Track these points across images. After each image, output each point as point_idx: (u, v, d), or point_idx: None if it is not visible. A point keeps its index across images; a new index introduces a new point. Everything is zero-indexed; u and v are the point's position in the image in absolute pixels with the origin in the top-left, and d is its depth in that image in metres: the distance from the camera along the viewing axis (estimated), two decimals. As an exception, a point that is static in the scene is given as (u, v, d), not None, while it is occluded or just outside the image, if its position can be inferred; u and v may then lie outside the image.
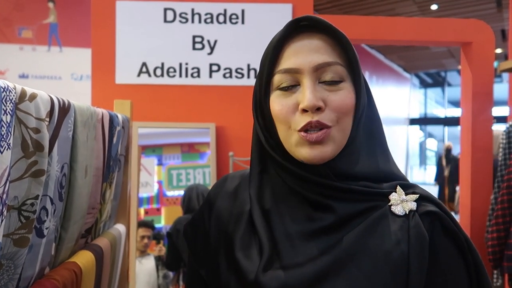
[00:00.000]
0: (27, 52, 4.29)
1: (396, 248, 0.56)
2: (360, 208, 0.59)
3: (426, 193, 0.61)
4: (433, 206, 0.59)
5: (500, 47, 7.49)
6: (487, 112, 2.35)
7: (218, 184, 0.75)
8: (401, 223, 0.58)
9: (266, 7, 2.22)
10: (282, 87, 0.61)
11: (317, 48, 0.60)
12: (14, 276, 0.58)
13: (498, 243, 1.80)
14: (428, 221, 0.58)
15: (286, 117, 0.60)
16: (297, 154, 0.61)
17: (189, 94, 2.22)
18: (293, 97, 0.60)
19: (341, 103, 0.60)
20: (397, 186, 0.61)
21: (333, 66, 0.60)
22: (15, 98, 0.55)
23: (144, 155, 2.36)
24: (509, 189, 1.76)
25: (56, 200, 0.69)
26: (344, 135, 0.61)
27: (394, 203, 0.59)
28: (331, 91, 0.60)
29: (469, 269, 0.58)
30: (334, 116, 0.59)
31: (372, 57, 8.86)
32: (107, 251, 0.92)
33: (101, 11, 2.20)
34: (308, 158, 0.59)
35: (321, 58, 0.60)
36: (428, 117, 14.65)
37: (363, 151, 0.63)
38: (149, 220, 2.42)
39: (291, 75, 0.61)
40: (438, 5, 6.30)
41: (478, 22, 2.37)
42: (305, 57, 0.60)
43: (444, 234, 0.58)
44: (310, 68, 0.59)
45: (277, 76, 0.62)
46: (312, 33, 0.61)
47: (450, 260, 0.58)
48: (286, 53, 0.61)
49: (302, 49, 0.60)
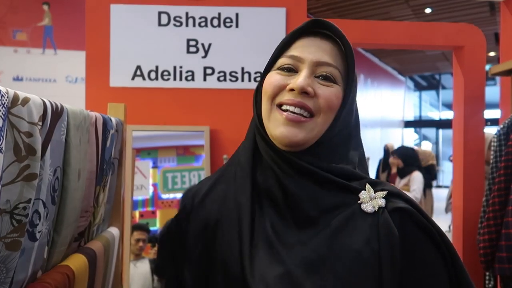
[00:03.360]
0: (21, 54, 4.28)
1: (366, 247, 0.56)
2: (329, 202, 0.60)
3: (395, 190, 0.62)
4: (402, 202, 0.60)
5: (493, 50, 7.55)
6: (479, 115, 2.37)
7: (193, 190, 0.73)
8: (371, 221, 0.58)
9: (260, 11, 2.23)
10: (281, 67, 0.66)
11: (325, 49, 0.65)
12: (6, 280, 0.59)
13: (490, 245, 1.81)
14: (398, 218, 0.58)
15: (273, 90, 0.64)
16: (271, 132, 0.63)
17: (184, 97, 2.22)
18: (287, 79, 0.64)
19: (328, 97, 0.63)
20: (366, 184, 0.62)
21: (332, 68, 0.64)
22: (7, 102, 0.56)
23: (139, 158, 2.35)
24: (500, 192, 1.78)
25: (48, 203, 0.69)
26: (320, 129, 0.63)
27: (364, 201, 0.60)
28: (323, 85, 0.64)
29: (445, 261, 0.58)
30: (318, 107, 0.63)
31: (367, 60, 8.90)
32: (100, 254, 0.92)
33: (95, 14, 2.20)
34: (279, 137, 0.62)
35: (325, 57, 0.64)
36: (422, 119, 14.73)
37: (336, 152, 0.65)
38: (144, 223, 2.42)
39: (293, 60, 0.65)
40: (432, 9, 6.35)
41: (470, 26, 2.40)
42: (312, 52, 0.65)
43: (417, 229, 0.58)
44: (312, 61, 0.64)
45: (281, 59, 0.67)
46: (324, 36, 0.66)
47: (425, 255, 0.58)
48: (297, 44, 0.66)
49: (312, 45, 0.65)
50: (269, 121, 0.64)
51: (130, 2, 2.20)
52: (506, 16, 2.46)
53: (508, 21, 2.44)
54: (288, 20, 2.22)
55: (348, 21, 2.45)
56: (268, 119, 0.64)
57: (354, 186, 0.61)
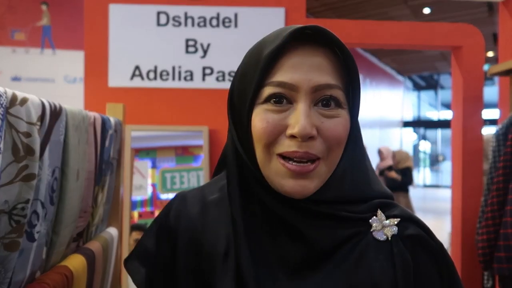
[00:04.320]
0: (20, 54, 4.26)
1: (383, 278, 0.54)
2: (341, 235, 0.56)
3: (406, 214, 0.59)
4: (414, 228, 0.57)
5: (492, 50, 7.57)
6: (477, 115, 2.37)
7: (176, 212, 0.63)
8: (384, 250, 0.56)
9: (259, 11, 2.23)
10: (272, 101, 0.53)
11: (319, 65, 0.52)
12: (4, 281, 0.58)
13: (488, 245, 1.81)
14: (410, 245, 0.56)
15: (270, 138, 0.52)
16: (275, 184, 0.54)
17: (182, 97, 2.22)
18: (283, 117, 0.52)
19: (336, 133, 0.53)
20: (377, 209, 0.58)
21: (334, 89, 0.53)
22: (5, 103, 0.56)
23: (138, 158, 2.35)
24: (499, 192, 1.78)
25: (47, 204, 0.69)
26: (331, 168, 0.55)
27: (376, 229, 0.57)
28: (326, 117, 0.53)
29: (442, 281, 0.57)
30: (325, 147, 0.53)
31: (366, 60, 8.91)
32: (99, 254, 0.92)
33: (94, 14, 2.20)
34: (287, 192, 0.53)
35: (323, 78, 0.52)
36: (421, 119, 14.76)
37: (345, 178, 0.57)
38: (143, 224, 2.41)
39: (285, 90, 0.52)
40: (430, 9, 6.36)
41: (468, 27, 2.40)
42: (305, 74, 0.52)
43: (425, 256, 0.57)
44: (309, 87, 0.52)
45: (268, 88, 0.53)
46: (316, 46, 0.53)
47: (430, 279, 0.57)
48: (283, 64, 0.52)
49: (302, 64, 0.52)
50: (269, 171, 0.54)
51: (129, 2, 2.20)
52: (505, 16, 2.46)
53: (507, 21, 2.45)
54: (287, 20, 2.22)
55: (347, 21, 2.44)
56: (267, 168, 0.54)
57: (365, 216, 0.57)
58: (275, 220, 0.56)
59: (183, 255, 0.60)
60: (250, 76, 0.55)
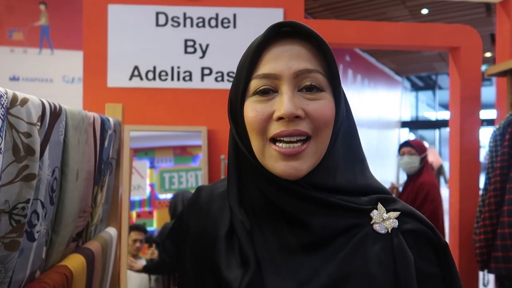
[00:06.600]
0: (18, 54, 4.26)
1: (380, 270, 0.55)
2: (341, 225, 0.57)
3: (407, 209, 0.60)
4: (415, 222, 0.58)
5: (489, 51, 7.59)
6: (475, 115, 2.38)
7: (191, 202, 0.72)
8: (384, 242, 0.57)
9: (258, 11, 2.23)
10: (259, 93, 0.57)
11: (298, 54, 0.57)
12: (4, 280, 0.59)
13: (486, 245, 1.82)
14: (412, 240, 0.57)
15: (261, 125, 0.57)
16: (270, 168, 0.57)
17: (181, 97, 2.22)
18: (270, 104, 0.57)
19: (322, 112, 0.56)
20: (378, 203, 0.59)
21: (314, 73, 0.57)
22: (6, 103, 0.56)
23: (136, 158, 2.35)
24: (496, 192, 1.79)
25: (47, 203, 0.69)
26: (322, 148, 0.58)
27: (376, 221, 0.58)
28: (311, 100, 0.57)
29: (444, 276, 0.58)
30: (313, 127, 0.56)
31: (364, 60, 8.92)
32: (98, 254, 0.92)
33: (93, 14, 2.20)
34: (282, 174, 0.56)
35: (302, 64, 0.57)
36: (419, 120, 14.79)
37: (341, 165, 0.60)
38: (141, 224, 2.41)
39: (269, 80, 0.57)
40: (429, 9, 6.37)
41: (466, 27, 2.41)
42: (285, 63, 0.57)
43: (428, 251, 0.57)
44: (290, 74, 0.56)
45: (254, 81, 0.58)
46: (294, 39, 0.58)
47: (430, 275, 0.57)
48: (266, 58, 0.58)
49: (282, 55, 0.57)
50: (265, 158, 0.58)
51: (128, 2, 2.20)
52: (502, 17, 2.48)
53: (504, 22, 2.46)
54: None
55: (345, 21, 2.45)
56: (263, 156, 0.58)
57: (365, 207, 0.59)
58: (275, 208, 0.59)
59: (191, 239, 0.67)
60: (240, 72, 0.61)
